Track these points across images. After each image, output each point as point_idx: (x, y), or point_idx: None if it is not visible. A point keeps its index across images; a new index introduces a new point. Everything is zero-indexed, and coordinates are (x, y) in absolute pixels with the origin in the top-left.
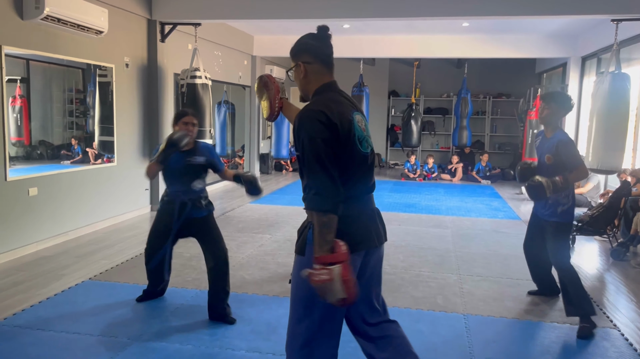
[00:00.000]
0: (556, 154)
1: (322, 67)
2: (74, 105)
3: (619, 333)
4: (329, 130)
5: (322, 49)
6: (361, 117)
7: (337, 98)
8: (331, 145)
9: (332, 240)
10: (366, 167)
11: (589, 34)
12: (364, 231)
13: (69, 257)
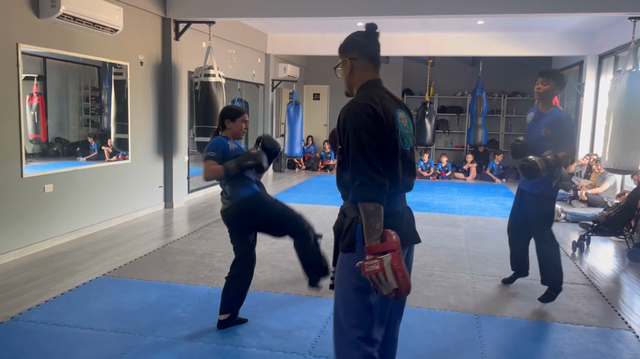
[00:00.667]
0: (555, 129)
1: (368, 63)
2: (89, 103)
3: (634, 334)
4: (374, 123)
5: (369, 46)
6: (404, 115)
7: (381, 94)
8: (375, 137)
9: (380, 228)
10: (407, 164)
11: (606, 32)
12: (408, 227)
13: (83, 253)
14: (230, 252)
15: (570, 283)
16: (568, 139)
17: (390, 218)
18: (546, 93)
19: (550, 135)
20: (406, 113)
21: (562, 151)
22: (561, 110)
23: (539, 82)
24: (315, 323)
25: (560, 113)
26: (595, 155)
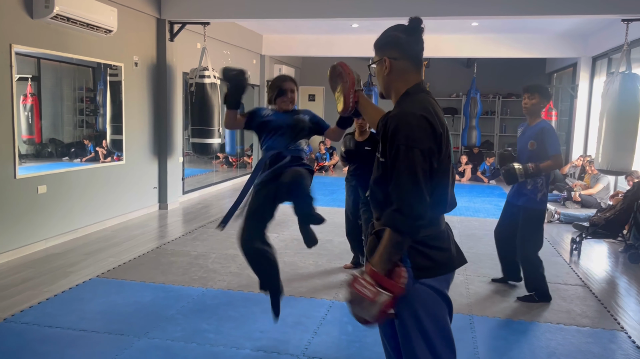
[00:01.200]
0: (540, 140)
1: (410, 64)
2: (84, 104)
3: (627, 335)
4: (432, 140)
5: (412, 44)
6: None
7: (432, 101)
8: (430, 157)
9: (396, 262)
10: (453, 179)
11: (599, 34)
12: (456, 248)
13: (77, 255)
14: (224, 253)
15: (564, 284)
16: (551, 149)
17: (438, 239)
18: (533, 107)
19: (536, 147)
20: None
21: (547, 161)
22: (546, 121)
23: (525, 97)
24: (309, 324)
25: (543, 125)
26: (589, 156)
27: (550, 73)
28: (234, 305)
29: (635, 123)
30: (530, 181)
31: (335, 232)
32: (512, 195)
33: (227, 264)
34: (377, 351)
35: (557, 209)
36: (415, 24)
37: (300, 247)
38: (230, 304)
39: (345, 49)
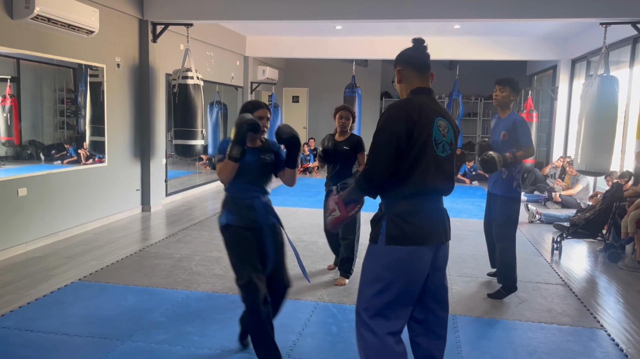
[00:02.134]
0: (512, 131)
1: (413, 72)
2: (64, 105)
3: (606, 333)
4: (404, 124)
5: (413, 57)
6: (445, 123)
7: (425, 100)
8: (398, 137)
9: (353, 200)
10: (440, 169)
11: (578, 37)
12: (434, 227)
13: (58, 258)
14: (208, 256)
15: (545, 283)
16: (524, 140)
17: (414, 216)
18: (504, 99)
19: (508, 138)
20: (448, 122)
21: (520, 151)
22: (517, 114)
23: (496, 89)
24: (294, 326)
25: (515, 117)
26: (569, 157)
27: (530, 75)
28: (218, 308)
29: (614, 125)
30: (506, 171)
31: (319, 234)
32: (492, 186)
33: (211, 266)
34: None
35: (538, 209)
36: (416, 42)
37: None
38: (215, 307)
39: (329, 50)
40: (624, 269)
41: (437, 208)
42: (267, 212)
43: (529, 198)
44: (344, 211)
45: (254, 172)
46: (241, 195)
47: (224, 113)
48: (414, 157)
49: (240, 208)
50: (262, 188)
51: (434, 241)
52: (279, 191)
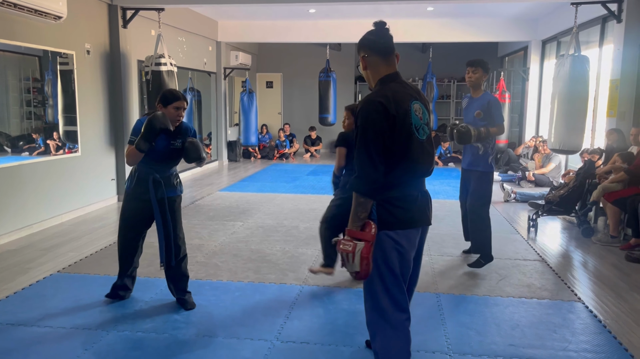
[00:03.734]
0: (487, 110)
1: (378, 58)
2: (31, 95)
3: (584, 305)
4: (384, 121)
5: (376, 42)
6: (419, 106)
7: (397, 88)
8: (383, 134)
9: (364, 219)
10: (423, 152)
11: (549, 17)
12: (421, 210)
13: (34, 250)
14: (189, 243)
15: (523, 260)
16: (497, 118)
17: (404, 201)
18: (477, 80)
19: (482, 117)
20: (421, 103)
21: (493, 127)
22: (490, 94)
23: (468, 71)
24: (280, 309)
25: (490, 97)
26: (541, 137)
27: (502, 57)
28: (203, 294)
29: (585, 104)
30: (482, 147)
31: (300, 219)
32: (468, 163)
33: (194, 254)
34: (349, 332)
35: (513, 189)
36: (378, 26)
37: (265, 235)
38: (199, 293)
39: (302, 34)
40: (597, 243)
41: (422, 191)
42: (160, 187)
43: (503, 178)
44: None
45: (160, 154)
46: (142, 170)
47: (197, 100)
48: (400, 147)
49: (138, 182)
50: (163, 168)
51: (422, 223)
52: (256, 177)
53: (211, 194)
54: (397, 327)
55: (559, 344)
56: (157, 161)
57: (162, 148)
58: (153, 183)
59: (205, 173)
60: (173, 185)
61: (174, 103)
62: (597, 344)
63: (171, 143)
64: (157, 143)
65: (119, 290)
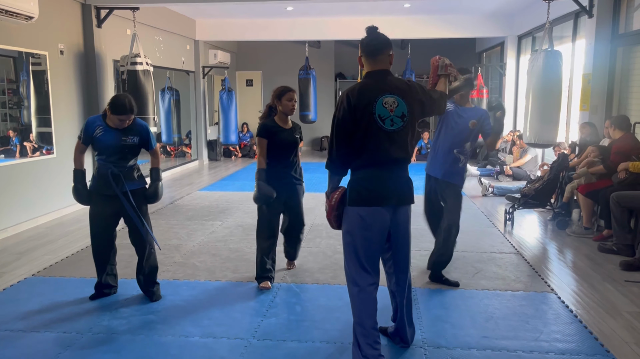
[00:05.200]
0: (481, 122)
1: (367, 58)
2: (6, 96)
3: (556, 296)
4: (348, 111)
5: (367, 44)
6: (394, 99)
7: (371, 82)
8: (345, 122)
9: (332, 188)
10: (390, 141)
11: (523, 13)
12: (389, 191)
13: (8, 254)
14: (167, 244)
15: (499, 253)
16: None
17: (369, 181)
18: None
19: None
20: (399, 97)
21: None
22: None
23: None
24: (258, 308)
25: (483, 110)
26: (518, 131)
27: (480, 52)
28: (180, 294)
29: (559, 98)
30: (463, 160)
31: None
32: (446, 173)
33: (171, 254)
34: (326, 328)
35: (490, 183)
36: (369, 30)
37: (244, 233)
38: (176, 293)
39: (280, 32)
40: (571, 235)
41: (394, 175)
42: (120, 180)
43: (481, 172)
44: (328, 202)
45: (111, 150)
46: (101, 165)
47: (176, 99)
48: (362, 134)
49: (99, 178)
50: (120, 162)
51: (389, 203)
52: (237, 176)
53: (190, 194)
54: (362, 288)
55: (531, 335)
56: (111, 156)
57: (113, 144)
58: (112, 177)
59: (185, 173)
60: (134, 178)
61: (120, 115)
62: (568, 334)
63: (122, 139)
64: (107, 139)
65: (104, 289)
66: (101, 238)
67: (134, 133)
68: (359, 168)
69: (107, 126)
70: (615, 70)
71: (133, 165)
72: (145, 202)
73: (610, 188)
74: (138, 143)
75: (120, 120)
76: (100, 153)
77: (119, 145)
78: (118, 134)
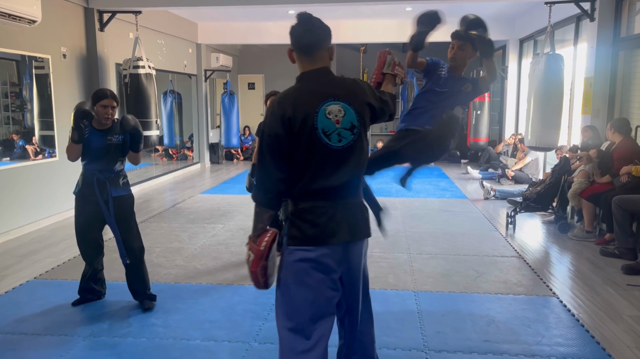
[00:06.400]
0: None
1: (301, 54)
2: (9, 99)
3: (558, 300)
4: (281, 124)
5: (300, 36)
6: (339, 107)
7: (308, 86)
8: (280, 140)
9: (261, 228)
10: (337, 160)
11: (525, 17)
12: (338, 225)
13: (10, 257)
14: (169, 247)
15: (500, 256)
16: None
17: (313, 214)
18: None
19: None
20: (346, 104)
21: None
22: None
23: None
24: (259, 311)
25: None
26: (520, 134)
27: None
28: (181, 298)
29: (560, 102)
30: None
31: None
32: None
33: (172, 257)
34: None
35: (492, 186)
36: (301, 18)
37: (246, 237)
38: (178, 297)
39: (282, 36)
40: (573, 239)
41: (345, 203)
42: (105, 187)
43: (483, 176)
44: (255, 247)
45: (98, 152)
46: (85, 171)
47: (178, 103)
48: (300, 155)
49: (84, 183)
50: (105, 166)
51: (337, 240)
52: (238, 179)
53: (192, 197)
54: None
55: (533, 339)
56: (97, 159)
57: (98, 144)
58: (97, 184)
59: (187, 176)
60: (119, 185)
61: (100, 101)
62: (570, 338)
63: (107, 139)
64: (92, 140)
65: (87, 294)
66: (87, 240)
67: (117, 133)
68: (301, 196)
69: (92, 128)
70: (617, 74)
71: (120, 171)
72: (131, 209)
73: (612, 192)
74: (122, 142)
75: (104, 107)
76: (86, 157)
77: (104, 146)
78: (103, 134)
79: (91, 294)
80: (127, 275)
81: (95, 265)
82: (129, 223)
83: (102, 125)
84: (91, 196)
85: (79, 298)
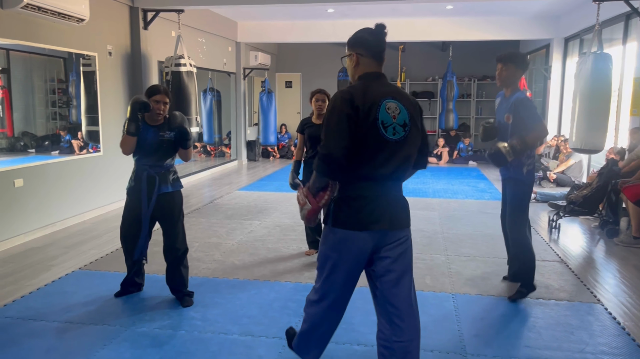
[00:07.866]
0: (515, 112)
1: (372, 60)
2: (56, 95)
3: (603, 307)
4: (350, 107)
5: (375, 45)
6: (396, 105)
7: (371, 85)
8: (348, 119)
9: (318, 188)
10: (390, 153)
11: (571, 15)
12: (379, 213)
13: (57, 248)
14: (207, 242)
15: (542, 261)
16: (531, 119)
17: (355, 201)
18: (507, 78)
19: (512, 121)
20: (400, 104)
21: (530, 133)
22: (521, 92)
23: (498, 67)
24: (295, 308)
25: (518, 94)
26: (563, 136)
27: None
28: (219, 292)
29: (607, 103)
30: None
31: None
32: (501, 170)
33: (211, 252)
34: (363, 331)
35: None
36: (379, 29)
37: (282, 234)
38: (216, 291)
39: (321, 34)
40: (619, 244)
41: (388, 194)
42: (155, 184)
43: None
44: (314, 202)
45: (150, 147)
46: (137, 167)
47: (217, 100)
48: (360, 141)
49: (136, 178)
50: (156, 162)
51: (376, 227)
52: (275, 177)
53: (230, 193)
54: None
55: (576, 346)
56: (149, 154)
57: (151, 139)
58: (147, 179)
59: (224, 173)
60: (169, 181)
61: (154, 96)
62: (615, 347)
63: (160, 134)
64: (145, 135)
65: (129, 286)
66: (131, 235)
67: (170, 129)
68: (350, 182)
69: (145, 123)
70: None
71: (170, 167)
72: (179, 207)
73: None
74: (174, 139)
75: (156, 102)
76: (138, 152)
77: (157, 141)
78: (156, 130)
79: (133, 286)
80: (167, 272)
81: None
82: (175, 222)
83: (154, 121)
84: (139, 193)
85: (120, 289)
